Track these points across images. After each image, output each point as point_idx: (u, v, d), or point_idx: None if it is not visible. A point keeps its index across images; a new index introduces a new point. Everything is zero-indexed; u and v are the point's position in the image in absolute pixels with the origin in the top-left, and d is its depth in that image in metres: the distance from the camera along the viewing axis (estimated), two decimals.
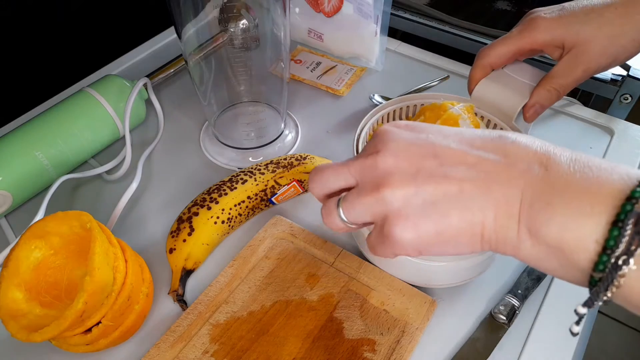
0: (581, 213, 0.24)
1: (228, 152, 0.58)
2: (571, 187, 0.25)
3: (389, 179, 0.28)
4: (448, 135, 0.29)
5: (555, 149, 0.27)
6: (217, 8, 0.52)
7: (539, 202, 0.25)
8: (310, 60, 0.71)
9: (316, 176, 0.32)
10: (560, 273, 0.26)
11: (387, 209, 0.28)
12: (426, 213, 0.27)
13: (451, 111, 0.43)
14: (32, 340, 0.34)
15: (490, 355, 0.41)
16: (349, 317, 0.42)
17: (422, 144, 0.29)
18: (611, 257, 0.23)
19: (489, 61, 0.46)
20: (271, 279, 0.45)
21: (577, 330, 0.26)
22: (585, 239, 0.24)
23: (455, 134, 0.29)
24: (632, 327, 1.35)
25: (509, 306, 0.43)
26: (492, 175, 0.27)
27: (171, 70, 0.65)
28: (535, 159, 0.26)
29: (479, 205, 0.27)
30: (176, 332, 0.41)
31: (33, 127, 0.52)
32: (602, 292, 0.23)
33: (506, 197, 0.26)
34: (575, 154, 0.26)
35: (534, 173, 0.26)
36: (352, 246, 0.49)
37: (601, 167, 0.25)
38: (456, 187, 0.27)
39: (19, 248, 0.38)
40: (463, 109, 0.44)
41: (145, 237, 0.50)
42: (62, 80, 0.68)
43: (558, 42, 0.44)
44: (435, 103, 0.45)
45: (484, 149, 0.28)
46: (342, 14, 0.67)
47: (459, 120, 0.43)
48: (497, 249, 0.28)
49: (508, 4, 0.82)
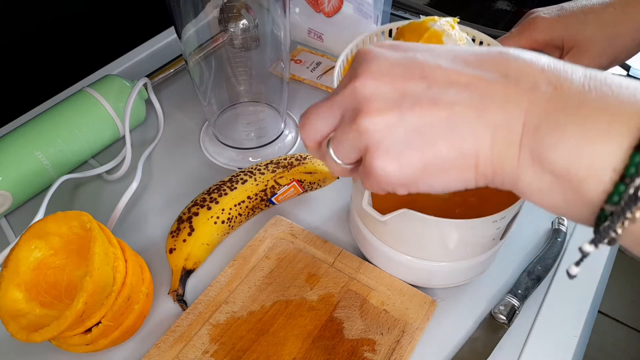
0: (597, 136, 0.20)
1: (228, 152, 0.58)
2: (585, 106, 0.21)
3: (368, 105, 0.25)
4: (439, 53, 0.25)
5: (566, 65, 0.23)
6: (217, 8, 0.52)
7: (546, 124, 0.22)
8: (310, 60, 0.71)
9: (303, 125, 0.29)
10: (564, 209, 0.23)
11: (368, 141, 0.25)
12: (410, 144, 0.24)
13: (434, 28, 0.39)
14: (32, 340, 0.34)
15: (490, 355, 0.41)
16: (349, 317, 0.42)
17: (408, 63, 0.25)
18: (630, 186, 0.20)
19: None
20: (271, 279, 0.45)
21: (575, 272, 0.23)
22: (599, 165, 0.20)
23: (447, 52, 0.26)
24: (632, 327, 1.35)
25: (509, 306, 0.43)
26: (489, 95, 0.23)
27: (171, 70, 0.65)
28: (543, 77, 0.23)
29: (471, 131, 0.23)
30: (176, 332, 0.41)
31: (33, 127, 0.52)
32: (612, 229, 0.20)
33: (506, 120, 0.23)
34: (591, 71, 0.22)
35: (540, 92, 0.22)
36: (352, 246, 0.49)
37: (622, 85, 0.21)
38: (445, 112, 0.24)
39: (19, 248, 0.38)
40: (446, 24, 0.40)
41: (145, 237, 0.50)
42: (62, 80, 0.68)
43: (557, 42, 0.44)
44: (414, 22, 0.41)
45: (481, 67, 0.24)
46: (342, 14, 0.67)
47: (442, 37, 0.39)
48: (493, 182, 0.25)
49: (508, 4, 0.82)
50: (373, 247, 0.44)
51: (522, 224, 0.50)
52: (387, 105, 0.25)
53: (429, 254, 0.42)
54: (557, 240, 0.48)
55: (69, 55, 0.70)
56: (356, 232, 0.47)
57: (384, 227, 0.42)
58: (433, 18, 0.40)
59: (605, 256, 0.48)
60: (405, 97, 0.24)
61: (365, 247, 0.46)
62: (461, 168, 0.24)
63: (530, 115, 0.22)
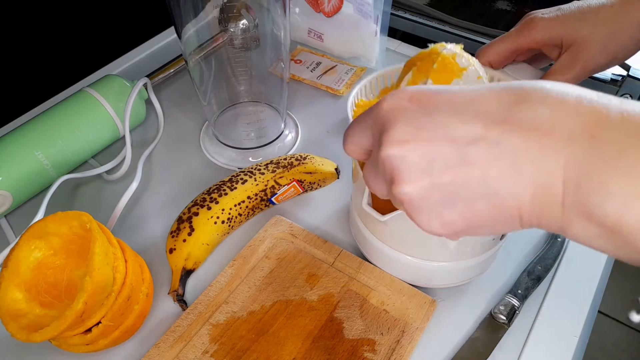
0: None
1: (228, 152, 0.58)
2: (627, 156, 0.20)
3: (398, 176, 0.25)
4: (461, 104, 0.24)
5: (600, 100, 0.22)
6: (217, 8, 0.52)
7: (589, 182, 0.21)
8: (310, 60, 0.71)
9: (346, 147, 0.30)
10: (615, 253, 0.23)
11: (405, 206, 0.26)
12: (448, 205, 0.24)
13: (445, 52, 0.40)
14: (32, 340, 0.34)
15: (490, 355, 0.41)
16: (349, 317, 0.42)
17: (432, 126, 0.24)
18: None
19: (488, 59, 0.46)
20: (271, 279, 0.45)
21: None
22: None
23: (468, 102, 0.24)
24: (632, 327, 1.35)
25: (509, 306, 0.43)
26: (523, 151, 0.22)
27: (171, 70, 0.65)
28: (578, 123, 0.21)
29: (509, 190, 0.23)
30: (176, 332, 0.41)
31: (33, 127, 0.52)
32: None
33: (544, 179, 0.22)
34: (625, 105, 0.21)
35: (577, 144, 0.21)
36: (352, 246, 0.49)
37: None
38: (479, 172, 0.23)
39: (19, 248, 0.38)
40: (455, 48, 0.41)
41: (145, 237, 0.50)
42: (62, 80, 0.68)
43: (556, 41, 0.44)
44: (423, 51, 0.42)
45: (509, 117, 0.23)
46: (342, 14, 0.67)
47: (455, 59, 0.39)
48: (541, 227, 0.24)
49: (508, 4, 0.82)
50: (373, 247, 0.44)
51: None
52: (418, 175, 0.24)
53: (429, 254, 0.42)
54: (557, 240, 0.48)
55: (69, 55, 0.70)
56: (356, 232, 0.47)
57: (384, 227, 0.42)
58: (442, 44, 0.41)
59: (606, 256, 0.48)
60: (434, 163, 0.24)
61: (366, 247, 0.46)
62: (505, 221, 0.24)
63: (570, 172, 0.21)
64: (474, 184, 0.23)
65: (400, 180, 0.25)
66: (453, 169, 0.24)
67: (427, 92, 0.26)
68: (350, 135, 0.29)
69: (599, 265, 0.48)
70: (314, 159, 0.51)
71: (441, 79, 0.39)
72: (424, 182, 0.24)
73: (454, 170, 0.24)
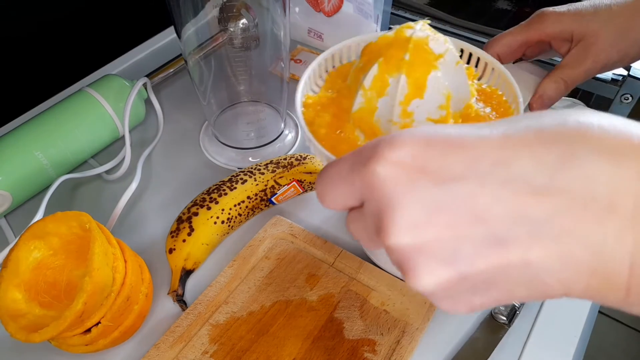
0: None
1: (228, 152, 0.58)
2: None
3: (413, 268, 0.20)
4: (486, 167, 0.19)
5: None
6: (217, 7, 0.52)
7: None
8: (310, 60, 0.71)
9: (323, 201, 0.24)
10: None
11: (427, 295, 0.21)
12: (480, 292, 0.20)
13: (415, 36, 0.33)
14: (31, 340, 0.34)
15: (491, 356, 0.41)
16: (349, 317, 0.42)
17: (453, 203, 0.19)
18: None
19: (496, 51, 0.46)
20: (271, 279, 0.45)
21: None
22: None
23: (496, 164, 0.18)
24: (632, 327, 1.35)
25: (509, 306, 0.43)
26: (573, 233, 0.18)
27: (171, 70, 0.65)
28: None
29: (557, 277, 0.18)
30: (176, 332, 0.41)
31: (33, 127, 0.52)
32: None
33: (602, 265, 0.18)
34: None
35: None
36: (352, 246, 0.49)
37: None
38: (518, 258, 0.18)
39: (19, 248, 0.38)
40: (425, 28, 0.34)
41: (145, 237, 0.50)
42: (62, 80, 0.67)
43: (567, 34, 0.43)
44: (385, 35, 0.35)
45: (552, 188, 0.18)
46: (342, 14, 0.67)
47: (428, 44, 0.33)
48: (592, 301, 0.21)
49: (508, 4, 0.82)
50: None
51: None
52: (440, 267, 0.19)
53: None
54: None
55: (69, 55, 0.70)
56: None
57: None
58: (407, 25, 0.34)
59: None
60: (461, 251, 0.19)
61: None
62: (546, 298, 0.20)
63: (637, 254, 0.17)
64: (512, 270, 0.19)
65: (418, 273, 0.20)
66: (486, 256, 0.19)
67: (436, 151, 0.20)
68: (328, 192, 0.23)
69: None
70: (314, 159, 0.51)
71: (417, 73, 0.33)
72: (449, 274, 0.20)
73: (487, 258, 0.19)
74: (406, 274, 0.20)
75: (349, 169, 0.22)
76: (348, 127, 0.37)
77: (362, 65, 0.35)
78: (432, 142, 0.20)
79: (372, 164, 0.20)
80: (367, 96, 0.34)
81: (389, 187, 0.20)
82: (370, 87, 0.34)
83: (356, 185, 0.21)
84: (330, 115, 0.37)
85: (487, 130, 0.20)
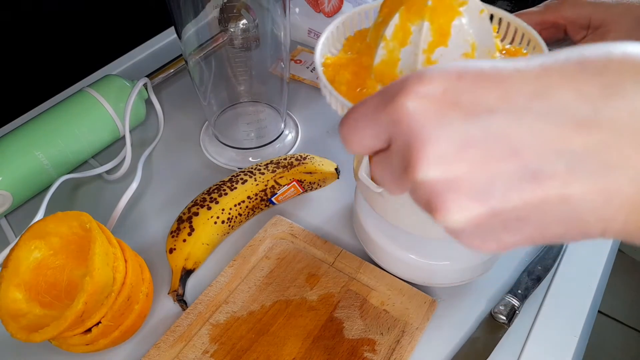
0: None
1: (228, 152, 0.58)
2: None
3: (442, 204, 0.19)
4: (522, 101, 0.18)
5: None
6: (217, 8, 0.52)
7: None
8: (310, 60, 0.71)
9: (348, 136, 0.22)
10: None
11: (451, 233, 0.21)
12: (512, 230, 0.19)
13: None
14: (31, 340, 0.34)
15: (490, 355, 0.41)
16: (349, 317, 0.42)
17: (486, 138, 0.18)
18: None
19: None
20: (271, 279, 0.45)
21: None
22: None
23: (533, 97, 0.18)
24: (632, 327, 1.35)
25: (509, 306, 0.43)
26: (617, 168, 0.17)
27: (171, 70, 0.65)
28: None
29: (596, 215, 0.18)
30: (176, 332, 0.41)
31: (33, 127, 0.52)
32: None
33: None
34: None
35: None
36: (352, 246, 0.49)
37: None
38: (556, 194, 0.18)
39: (19, 248, 0.38)
40: None
41: (145, 237, 0.50)
42: (62, 80, 0.68)
43: (584, 20, 0.42)
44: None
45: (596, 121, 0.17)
46: (342, 14, 0.67)
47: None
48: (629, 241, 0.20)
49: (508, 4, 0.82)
50: (376, 244, 0.45)
51: None
52: (471, 202, 0.19)
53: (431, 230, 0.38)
54: None
55: (69, 55, 0.70)
56: (359, 229, 0.47)
57: (382, 200, 0.39)
58: None
59: (605, 256, 0.48)
60: (493, 186, 0.18)
61: (367, 243, 0.46)
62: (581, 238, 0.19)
63: None
64: (549, 208, 0.18)
65: (447, 209, 0.19)
66: (520, 192, 0.18)
67: (469, 85, 0.19)
68: (353, 134, 0.22)
69: (599, 265, 0.48)
70: (314, 159, 0.51)
71: (440, 20, 0.31)
72: (480, 209, 0.19)
73: (521, 193, 0.18)
74: (435, 210, 0.20)
75: (375, 108, 0.21)
76: (369, 83, 0.35)
77: (381, 20, 0.34)
78: (463, 76, 0.19)
79: (400, 99, 0.19)
80: (389, 47, 0.33)
81: (418, 121, 0.19)
82: (392, 37, 0.32)
83: (383, 123, 0.20)
84: (350, 73, 0.35)
85: (523, 62, 0.19)
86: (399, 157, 0.20)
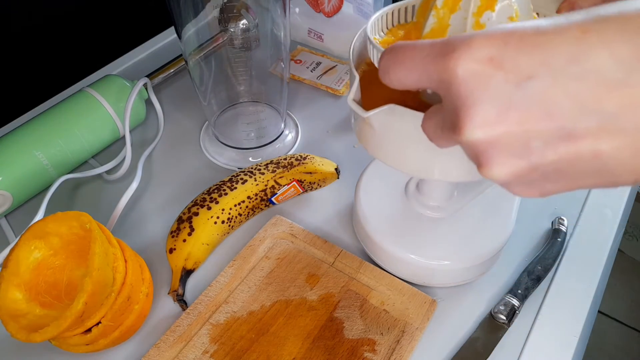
0: None
1: (228, 152, 0.58)
2: None
3: (487, 160, 0.22)
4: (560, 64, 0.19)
5: None
6: (217, 8, 0.52)
7: None
8: (310, 60, 0.71)
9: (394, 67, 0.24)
10: None
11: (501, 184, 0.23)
12: (551, 180, 0.22)
13: None
14: (31, 340, 0.34)
15: (490, 355, 0.41)
16: (349, 317, 0.42)
17: (525, 102, 0.20)
18: None
19: None
20: (271, 279, 0.45)
21: None
22: None
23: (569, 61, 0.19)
24: (632, 327, 1.35)
25: (509, 306, 0.43)
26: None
27: (171, 70, 0.65)
28: None
29: (626, 168, 0.20)
30: (176, 332, 0.41)
31: (33, 127, 0.52)
32: None
33: None
34: None
35: None
36: (352, 246, 0.49)
37: None
38: (589, 150, 0.20)
39: (19, 248, 0.38)
40: None
41: (145, 237, 0.50)
42: (62, 80, 0.68)
43: None
44: None
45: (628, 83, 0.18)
46: (342, 14, 0.67)
47: None
48: None
49: None
50: (376, 244, 0.45)
51: (522, 224, 0.50)
52: (512, 159, 0.21)
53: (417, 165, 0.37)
54: (557, 240, 0.48)
55: (69, 55, 0.70)
56: (359, 228, 0.47)
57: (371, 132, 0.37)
58: None
59: (605, 256, 0.48)
60: (531, 145, 0.21)
61: (367, 243, 0.46)
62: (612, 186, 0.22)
63: None
64: (582, 162, 0.20)
65: (492, 165, 0.22)
66: (555, 149, 0.20)
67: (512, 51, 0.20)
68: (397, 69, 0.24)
69: (599, 265, 0.48)
70: (314, 159, 0.51)
71: None
72: (521, 165, 0.21)
73: (556, 150, 0.20)
74: (480, 166, 0.22)
75: (425, 57, 0.23)
76: None
77: None
78: (508, 41, 0.20)
79: (451, 61, 0.21)
80: (439, 15, 0.34)
81: (466, 87, 0.21)
82: (443, 4, 0.34)
83: (431, 74, 0.22)
84: None
85: (564, 20, 0.20)
86: (449, 115, 0.23)
